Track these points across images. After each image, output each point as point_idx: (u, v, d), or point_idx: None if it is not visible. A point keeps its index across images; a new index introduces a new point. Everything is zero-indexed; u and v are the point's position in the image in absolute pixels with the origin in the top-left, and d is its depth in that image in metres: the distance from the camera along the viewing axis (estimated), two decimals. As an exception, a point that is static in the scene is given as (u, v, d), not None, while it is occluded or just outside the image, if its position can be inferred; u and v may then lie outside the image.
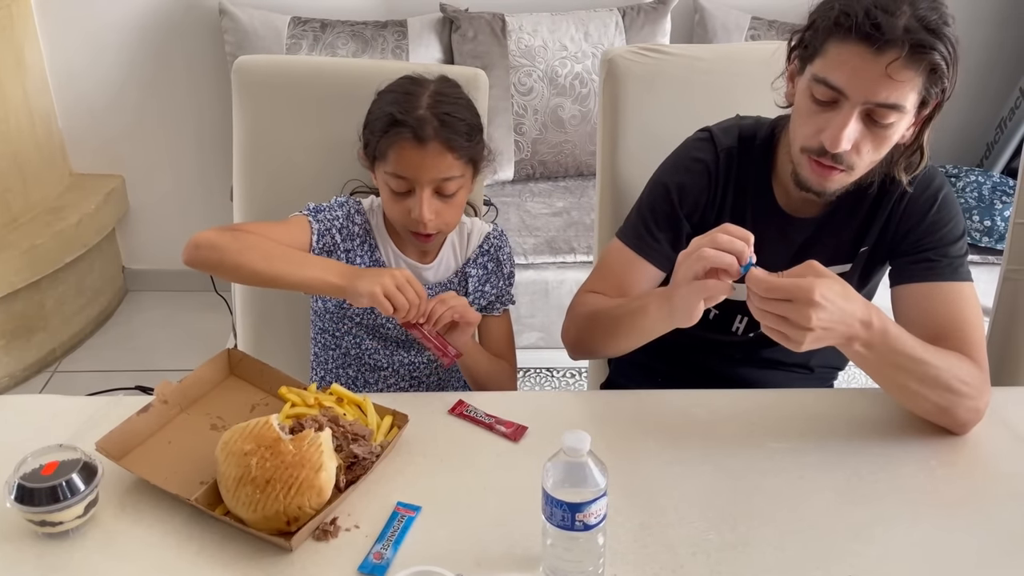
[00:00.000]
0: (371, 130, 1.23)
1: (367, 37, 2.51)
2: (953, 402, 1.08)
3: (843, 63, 1.03)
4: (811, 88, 1.08)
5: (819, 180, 1.11)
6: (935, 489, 1.05)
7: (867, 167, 1.11)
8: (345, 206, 1.30)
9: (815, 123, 1.08)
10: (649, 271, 1.25)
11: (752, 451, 1.09)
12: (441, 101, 1.20)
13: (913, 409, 1.12)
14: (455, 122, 1.19)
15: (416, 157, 1.18)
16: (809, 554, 0.94)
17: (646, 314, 1.12)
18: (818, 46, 1.06)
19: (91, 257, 2.68)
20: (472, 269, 1.34)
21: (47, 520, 0.91)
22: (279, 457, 0.93)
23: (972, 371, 1.09)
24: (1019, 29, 2.78)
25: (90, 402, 1.15)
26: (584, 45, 2.54)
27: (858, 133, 1.06)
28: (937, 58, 1.00)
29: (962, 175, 2.45)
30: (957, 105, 2.72)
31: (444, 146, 1.18)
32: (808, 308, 0.94)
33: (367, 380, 1.38)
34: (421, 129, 1.17)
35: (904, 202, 1.20)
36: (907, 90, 1.02)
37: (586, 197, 2.52)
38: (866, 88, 1.02)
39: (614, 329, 1.19)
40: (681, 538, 0.95)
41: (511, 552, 0.93)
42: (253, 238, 1.18)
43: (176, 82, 2.72)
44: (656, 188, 1.27)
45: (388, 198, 1.24)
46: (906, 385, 1.07)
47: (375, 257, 1.30)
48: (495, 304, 1.37)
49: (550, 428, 1.11)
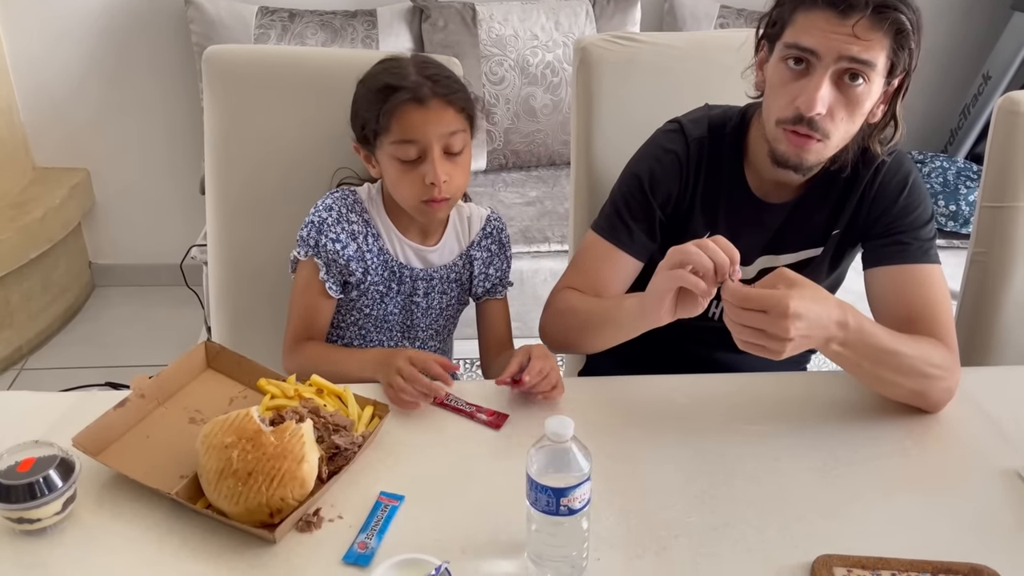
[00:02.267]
0: (366, 111, 1.22)
1: (336, 27, 2.49)
2: (926, 386, 1.11)
3: (812, 26, 1.07)
4: (783, 57, 1.11)
5: (796, 151, 1.12)
6: (908, 467, 1.07)
7: (842, 138, 1.13)
8: (335, 208, 1.27)
9: (789, 92, 1.10)
10: (626, 262, 1.25)
11: (730, 435, 1.11)
12: (427, 65, 1.23)
13: (889, 396, 1.15)
14: (447, 80, 1.21)
15: (420, 118, 1.19)
16: (788, 533, 0.95)
17: (620, 308, 1.13)
18: (787, 18, 1.10)
19: (57, 252, 2.63)
20: (476, 252, 1.36)
21: (25, 517, 0.90)
22: (261, 449, 0.92)
23: (943, 353, 1.12)
24: (981, 18, 2.84)
25: (63, 398, 1.13)
26: (555, 34, 2.55)
27: (832, 97, 1.08)
28: (901, 18, 1.04)
29: (927, 161, 2.50)
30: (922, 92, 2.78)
31: (444, 101, 1.19)
32: (784, 320, 0.95)
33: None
34: (419, 91, 1.18)
35: (875, 186, 1.22)
36: (875, 48, 1.05)
37: (559, 186, 2.53)
38: (836, 46, 1.05)
39: (591, 327, 1.20)
40: (663, 521, 0.97)
41: (496, 539, 0.93)
42: (310, 362, 1.23)
43: (141, 73, 2.68)
44: (629, 180, 1.27)
45: (397, 173, 1.22)
46: (882, 376, 1.09)
47: (380, 246, 1.29)
48: (498, 287, 1.38)
49: (530, 415, 1.12)
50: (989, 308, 1.43)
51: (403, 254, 1.31)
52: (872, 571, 0.89)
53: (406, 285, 1.32)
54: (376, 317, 1.35)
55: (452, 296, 1.37)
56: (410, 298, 1.33)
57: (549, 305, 1.28)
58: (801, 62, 1.09)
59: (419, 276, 1.32)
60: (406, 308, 1.35)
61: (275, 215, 1.47)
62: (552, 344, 1.28)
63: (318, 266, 1.27)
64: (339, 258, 1.26)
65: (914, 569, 0.90)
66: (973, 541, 0.95)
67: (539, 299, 1.31)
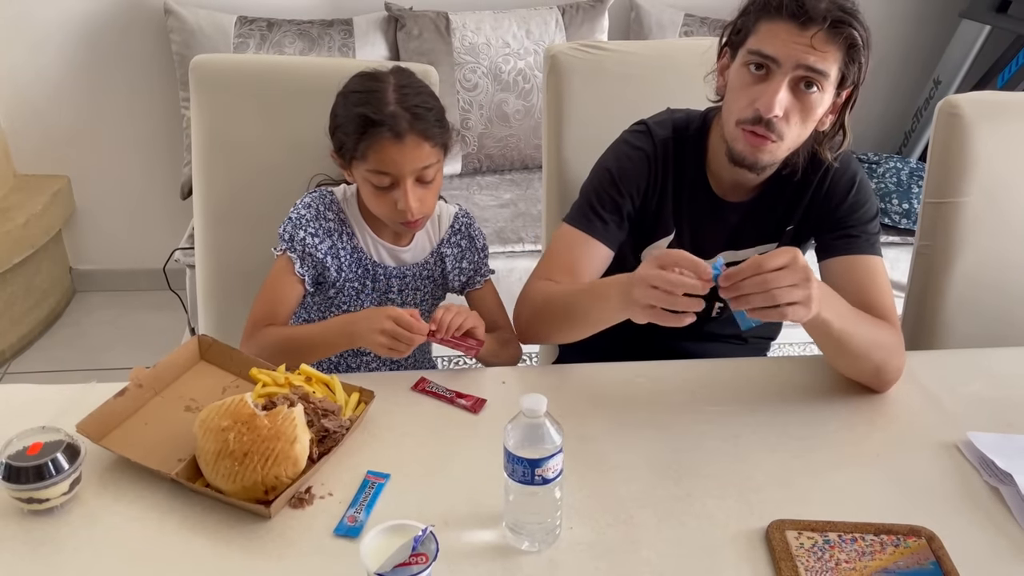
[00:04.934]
0: (344, 132, 1.26)
1: (314, 36, 2.55)
2: (885, 362, 1.21)
3: (774, 36, 1.16)
4: (745, 62, 1.20)
5: (752, 151, 1.21)
6: (856, 442, 1.16)
7: (794, 141, 1.22)
8: (313, 205, 1.34)
9: (749, 95, 1.19)
10: (598, 250, 1.32)
11: (692, 414, 1.19)
12: (407, 94, 1.25)
13: (853, 372, 1.23)
14: (425, 113, 1.25)
15: (396, 153, 1.23)
16: (745, 502, 1.04)
17: (606, 300, 1.17)
18: (751, 27, 1.20)
19: (38, 258, 2.67)
20: (447, 249, 1.41)
21: (34, 497, 0.96)
22: (255, 431, 0.99)
23: (894, 333, 1.23)
24: (933, 25, 2.96)
25: (66, 389, 1.18)
26: (526, 42, 2.63)
27: (788, 101, 1.17)
28: (854, 33, 1.14)
29: (882, 162, 2.61)
30: (877, 96, 2.90)
31: (420, 137, 1.23)
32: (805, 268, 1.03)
33: (349, 365, 1.44)
34: (397, 125, 1.22)
35: (826, 185, 1.32)
36: (830, 60, 1.15)
37: (532, 189, 2.60)
38: (795, 55, 1.15)
39: (568, 315, 1.25)
40: (630, 493, 1.05)
41: (475, 511, 1.01)
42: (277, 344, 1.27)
43: (121, 81, 2.72)
44: (600, 174, 1.35)
45: (371, 194, 1.28)
46: (852, 349, 1.17)
47: (354, 244, 1.35)
48: (475, 278, 1.43)
49: (507, 400, 1.20)
50: (932, 297, 1.53)
51: (376, 253, 1.37)
52: (820, 533, 0.98)
53: (380, 283, 1.38)
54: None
55: (426, 292, 1.43)
56: (385, 295, 1.39)
57: (526, 297, 1.33)
58: (762, 68, 1.18)
59: (392, 274, 1.38)
60: (381, 305, 1.40)
61: (261, 218, 1.51)
62: (525, 333, 1.34)
63: (292, 260, 1.32)
64: (315, 252, 1.32)
65: (858, 531, 0.98)
66: (914, 506, 1.04)
67: (514, 297, 1.35)
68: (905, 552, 0.96)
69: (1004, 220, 1.50)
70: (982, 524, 1.01)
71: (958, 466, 1.11)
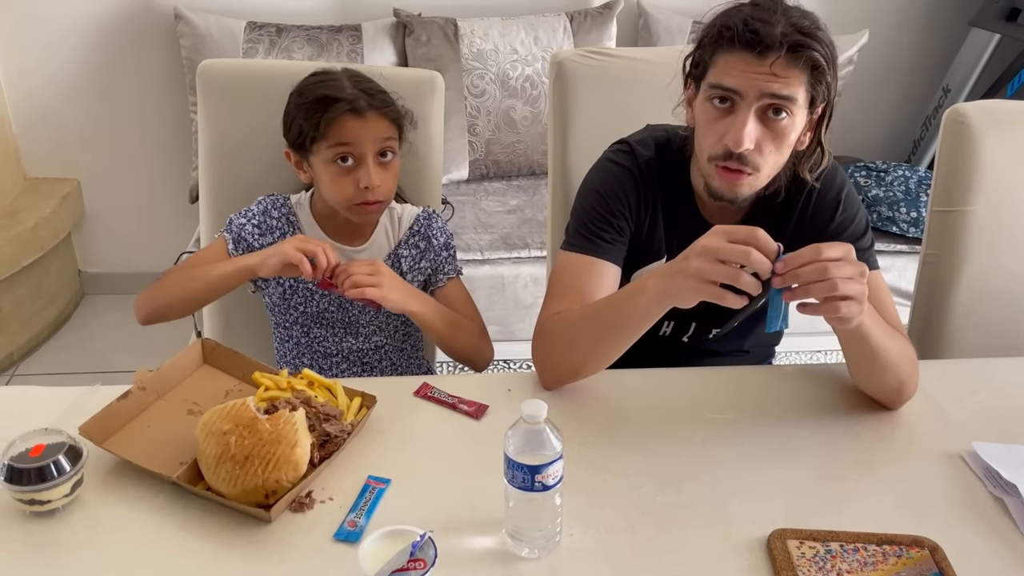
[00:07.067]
0: (303, 118, 1.31)
1: (322, 41, 2.57)
2: (910, 377, 1.18)
3: (732, 68, 1.12)
4: (708, 96, 1.16)
5: (729, 186, 1.17)
6: (860, 451, 1.15)
7: (772, 169, 1.18)
8: (263, 202, 1.41)
9: (716, 130, 1.15)
10: (607, 269, 1.27)
11: (694, 422, 1.18)
12: (360, 81, 1.34)
13: (877, 387, 1.19)
14: (380, 94, 1.34)
15: (358, 126, 1.29)
16: (747, 510, 1.03)
17: (641, 292, 1.11)
18: (708, 60, 1.16)
19: (47, 261, 2.69)
20: (404, 250, 1.43)
21: (36, 499, 0.96)
22: (257, 435, 0.99)
23: (912, 349, 1.20)
24: (942, 32, 2.95)
25: (69, 392, 1.19)
26: (534, 48, 2.63)
27: (758, 132, 1.13)
28: (815, 55, 1.10)
29: (891, 170, 2.60)
30: (886, 104, 2.89)
31: (378, 113, 1.31)
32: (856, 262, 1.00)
33: (321, 367, 1.45)
34: (356, 102, 1.29)
35: (810, 207, 1.28)
36: (794, 84, 1.11)
37: (539, 195, 2.61)
38: (757, 85, 1.11)
39: (600, 330, 1.16)
40: (631, 500, 1.04)
41: (475, 517, 1.01)
42: (174, 273, 1.36)
43: (131, 85, 2.74)
44: (588, 196, 1.31)
45: (332, 178, 1.32)
46: (887, 362, 1.13)
47: None
48: (436, 276, 1.44)
49: (509, 406, 1.19)
50: (939, 306, 1.52)
51: None
52: (822, 543, 0.97)
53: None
54: (313, 314, 1.42)
55: None
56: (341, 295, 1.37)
57: (544, 334, 1.23)
58: (726, 100, 1.13)
59: None
60: (341, 306, 1.42)
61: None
62: (557, 372, 1.22)
63: (226, 240, 1.38)
64: (252, 240, 1.37)
65: (860, 541, 0.98)
66: (917, 517, 1.03)
67: (520, 303, 1.36)
68: (908, 563, 0.95)
69: (1011, 230, 1.49)
70: (985, 535, 1.01)
71: (962, 476, 1.10)
